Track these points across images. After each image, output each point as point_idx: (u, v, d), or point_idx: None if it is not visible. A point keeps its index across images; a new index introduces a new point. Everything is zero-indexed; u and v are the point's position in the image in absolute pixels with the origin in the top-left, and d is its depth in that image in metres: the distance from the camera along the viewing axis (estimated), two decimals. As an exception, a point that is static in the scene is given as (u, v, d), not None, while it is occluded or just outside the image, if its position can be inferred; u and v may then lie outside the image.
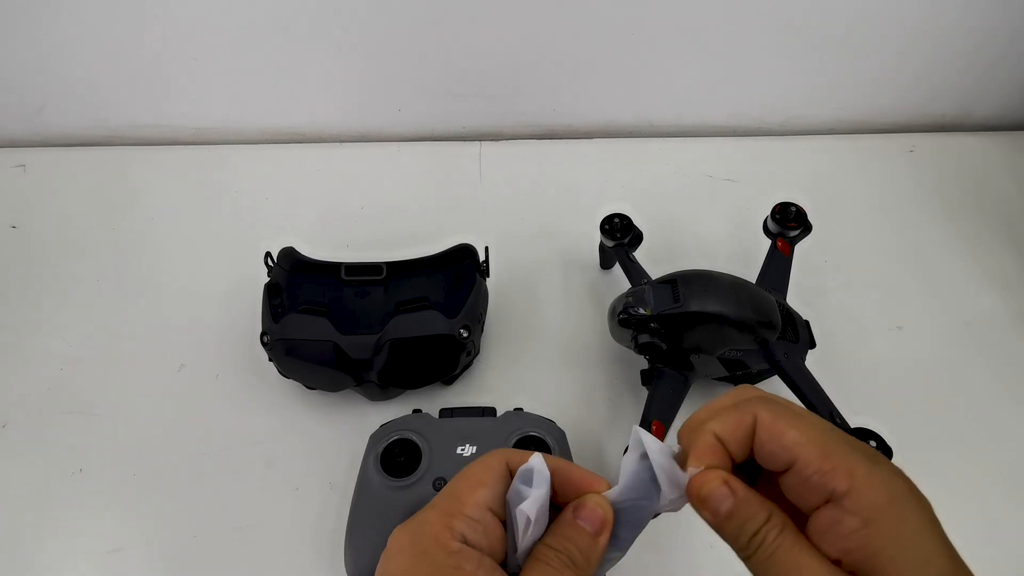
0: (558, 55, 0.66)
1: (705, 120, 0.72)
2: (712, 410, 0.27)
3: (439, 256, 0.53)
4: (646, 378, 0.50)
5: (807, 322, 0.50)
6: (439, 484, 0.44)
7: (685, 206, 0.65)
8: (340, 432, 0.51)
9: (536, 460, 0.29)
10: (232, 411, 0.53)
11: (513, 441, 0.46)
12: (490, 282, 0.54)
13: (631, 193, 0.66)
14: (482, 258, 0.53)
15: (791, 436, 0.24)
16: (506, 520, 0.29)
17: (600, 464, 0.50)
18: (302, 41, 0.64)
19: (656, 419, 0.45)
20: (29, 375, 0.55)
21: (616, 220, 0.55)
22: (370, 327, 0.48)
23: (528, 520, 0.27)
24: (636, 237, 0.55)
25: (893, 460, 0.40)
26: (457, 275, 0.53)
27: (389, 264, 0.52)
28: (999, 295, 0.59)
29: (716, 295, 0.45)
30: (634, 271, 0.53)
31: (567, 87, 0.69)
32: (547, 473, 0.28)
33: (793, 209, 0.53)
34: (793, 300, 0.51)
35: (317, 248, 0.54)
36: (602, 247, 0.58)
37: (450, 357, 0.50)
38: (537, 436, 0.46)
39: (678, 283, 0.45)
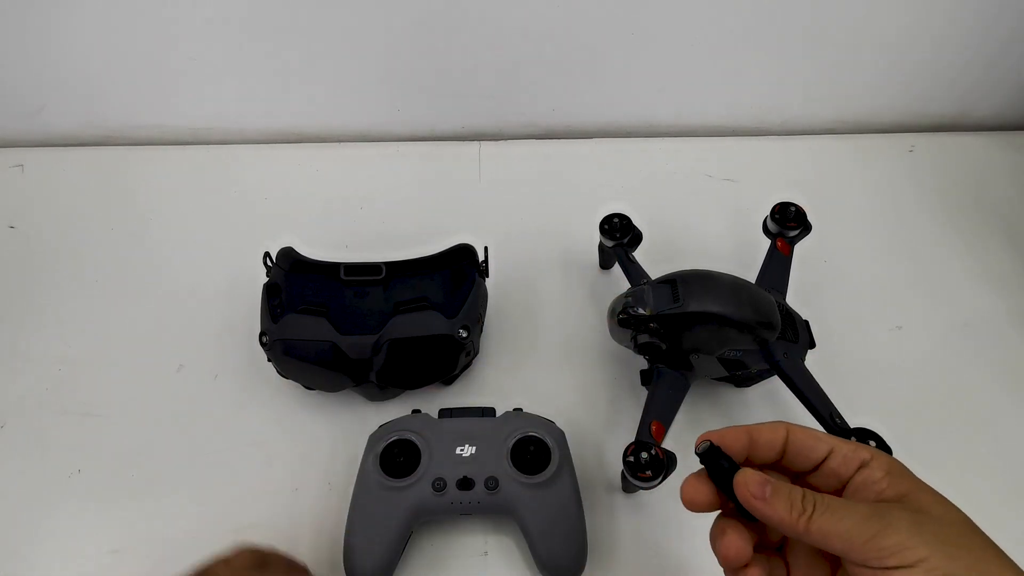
0: (558, 55, 0.66)
1: (705, 120, 0.72)
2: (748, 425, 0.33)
3: (438, 256, 0.53)
4: (646, 378, 0.50)
5: (807, 322, 0.50)
6: (438, 484, 0.44)
7: (685, 206, 0.65)
8: (339, 432, 0.51)
9: None
10: (231, 411, 0.53)
11: (513, 442, 0.46)
12: (490, 282, 0.54)
13: (631, 193, 0.66)
14: (481, 258, 0.53)
15: (822, 435, 0.32)
16: None
17: (600, 464, 0.50)
18: (301, 41, 0.64)
19: (656, 419, 0.45)
20: (27, 375, 0.55)
21: (616, 220, 0.55)
22: (369, 327, 0.48)
23: None
24: (635, 237, 0.55)
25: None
26: (456, 275, 0.52)
27: (388, 264, 0.52)
28: (999, 295, 0.59)
29: (715, 295, 0.44)
30: (633, 271, 0.53)
31: (567, 87, 0.69)
32: None
33: (792, 209, 0.53)
34: (793, 300, 0.51)
35: (316, 248, 0.54)
36: (602, 247, 0.58)
37: (449, 357, 0.50)
38: (537, 436, 0.46)
39: (677, 283, 0.45)
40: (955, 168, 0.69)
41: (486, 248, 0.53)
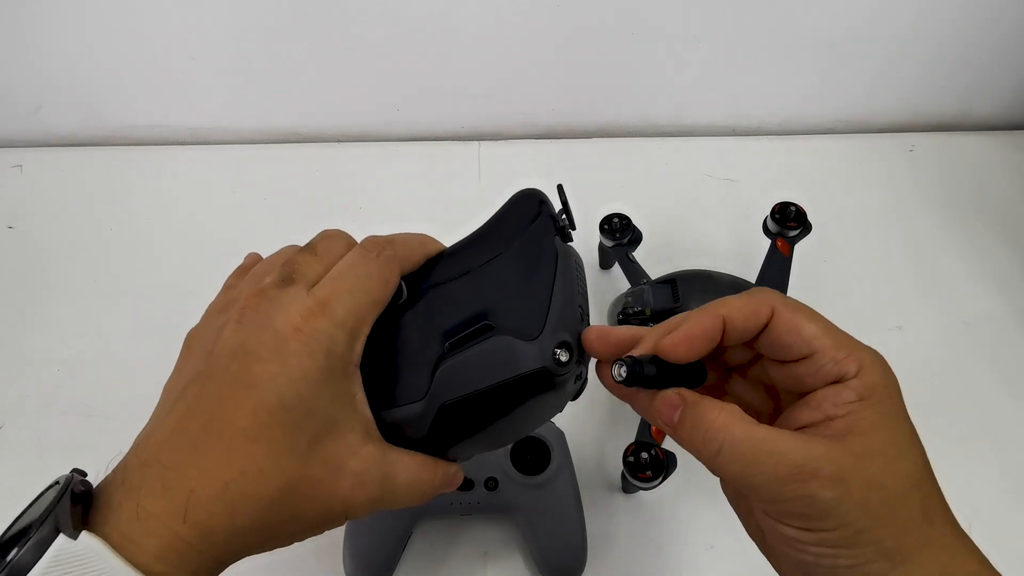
0: (558, 55, 0.66)
1: (705, 120, 0.72)
2: (728, 299, 0.27)
3: (487, 230, 0.32)
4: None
5: (807, 322, 0.49)
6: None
7: (685, 206, 0.65)
8: (339, 433, 0.51)
9: None
10: (230, 412, 0.52)
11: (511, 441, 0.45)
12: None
13: (631, 193, 0.66)
14: (557, 208, 0.32)
15: (810, 329, 0.26)
16: None
17: (600, 464, 0.50)
18: (301, 40, 0.64)
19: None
20: (27, 376, 0.54)
21: (616, 220, 0.55)
22: (412, 386, 0.28)
23: None
24: (635, 237, 0.55)
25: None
26: (525, 252, 0.31)
27: (406, 276, 0.31)
28: (999, 295, 0.59)
29: (715, 295, 0.44)
30: (633, 271, 0.53)
31: (566, 87, 0.69)
32: None
33: (793, 209, 0.53)
34: (793, 300, 0.51)
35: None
36: (602, 247, 0.58)
37: (548, 400, 0.29)
38: (536, 437, 0.46)
39: (677, 283, 0.45)
40: (955, 168, 0.69)
41: (561, 189, 0.32)
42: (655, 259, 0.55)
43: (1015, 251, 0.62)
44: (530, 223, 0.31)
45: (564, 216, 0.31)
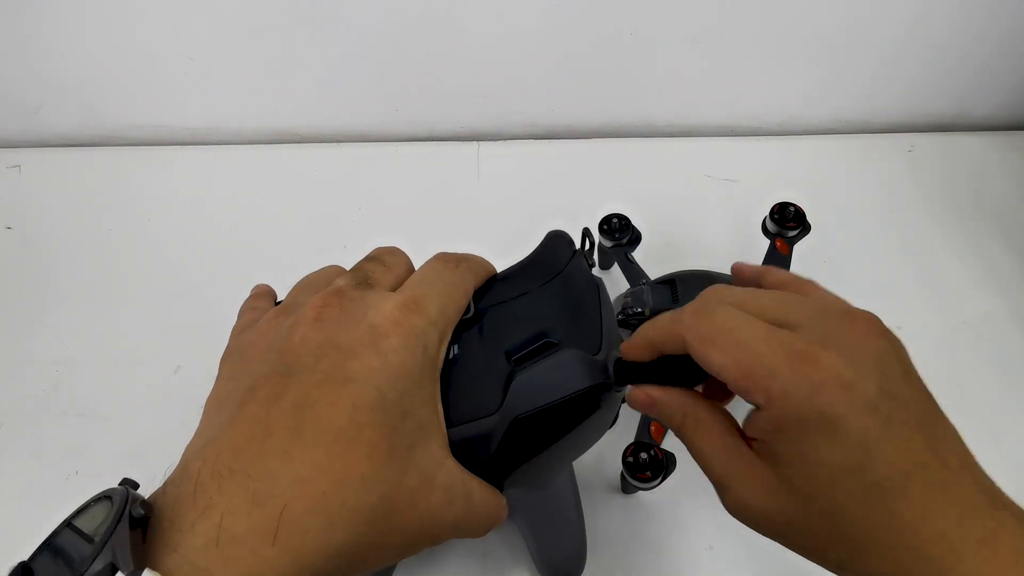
0: (557, 55, 0.66)
1: (704, 120, 0.72)
2: (658, 322, 0.28)
3: (528, 262, 0.36)
4: (645, 378, 0.50)
5: (807, 322, 0.49)
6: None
7: (684, 206, 0.65)
8: (338, 433, 0.51)
9: None
10: (229, 412, 0.52)
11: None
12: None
13: (630, 193, 0.66)
14: (579, 245, 0.38)
15: (717, 361, 0.24)
16: None
17: (599, 464, 0.50)
18: (299, 40, 0.64)
19: (655, 420, 0.45)
20: (25, 376, 0.54)
21: (615, 220, 0.55)
22: (480, 403, 0.29)
23: None
24: (635, 237, 0.55)
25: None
26: (569, 281, 0.34)
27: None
28: (999, 295, 0.59)
29: (715, 295, 0.44)
30: (632, 271, 0.53)
31: (566, 87, 0.69)
32: None
33: (792, 209, 0.53)
34: (793, 300, 0.51)
35: (314, 250, 0.54)
36: (601, 247, 0.58)
37: (603, 419, 0.32)
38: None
39: (676, 283, 0.45)
40: (955, 168, 0.69)
41: (587, 233, 0.38)
42: (654, 259, 0.54)
43: (1015, 251, 0.62)
44: (569, 258, 0.35)
45: (587, 251, 0.36)
